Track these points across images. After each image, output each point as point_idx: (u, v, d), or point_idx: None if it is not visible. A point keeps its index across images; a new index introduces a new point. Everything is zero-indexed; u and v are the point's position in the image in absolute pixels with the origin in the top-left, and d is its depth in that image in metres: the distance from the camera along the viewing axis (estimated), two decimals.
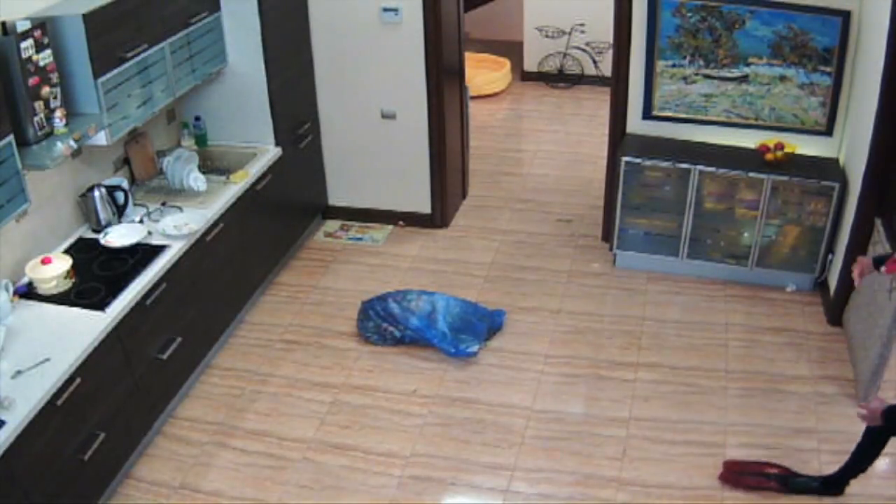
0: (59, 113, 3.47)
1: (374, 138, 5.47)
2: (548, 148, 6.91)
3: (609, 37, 5.05)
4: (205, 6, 4.35)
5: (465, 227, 5.74)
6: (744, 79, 4.73)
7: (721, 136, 4.92)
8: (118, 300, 3.59)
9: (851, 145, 4.56)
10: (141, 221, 4.14)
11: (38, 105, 3.35)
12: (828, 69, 4.55)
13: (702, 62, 4.75)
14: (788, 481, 3.64)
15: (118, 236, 3.98)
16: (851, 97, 4.57)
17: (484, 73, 7.89)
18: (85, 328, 3.42)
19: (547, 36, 7.99)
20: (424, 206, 5.65)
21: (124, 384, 3.63)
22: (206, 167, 4.69)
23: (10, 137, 3.20)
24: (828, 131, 4.73)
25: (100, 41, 3.57)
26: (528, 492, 3.69)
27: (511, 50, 8.31)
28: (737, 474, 3.68)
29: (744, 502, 3.58)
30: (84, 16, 3.48)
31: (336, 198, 5.77)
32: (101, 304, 3.55)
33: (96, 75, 3.59)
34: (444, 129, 5.38)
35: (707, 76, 4.79)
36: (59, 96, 3.46)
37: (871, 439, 3.39)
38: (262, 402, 4.24)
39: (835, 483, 3.56)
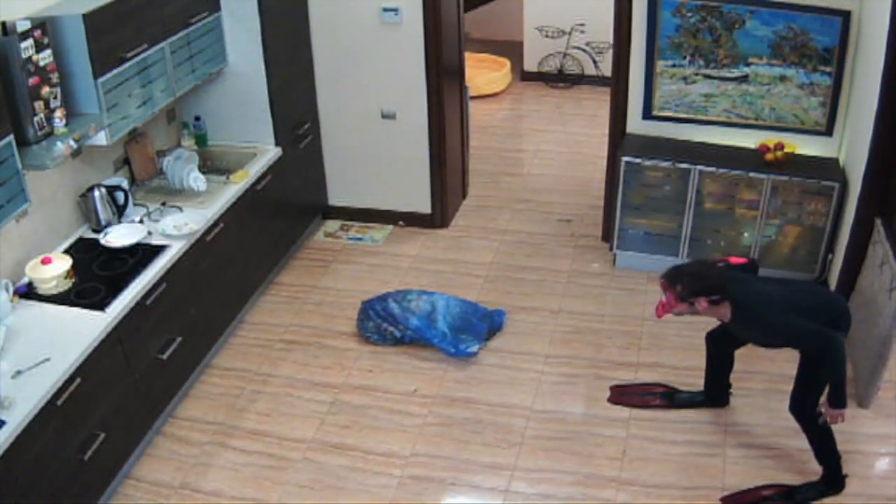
0: (59, 113, 3.47)
1: (374, 138, 5.47)
2: (548, 148, 6.91)
3: (609, 37, 5.05)
4: (205, 6, 4.35)
5: (465, 227, 5.74)
6: (744, 79, 4.73)
7: (721, 136, 4.92)
8: (118, 300, 3.59)
9: (851, 145, 4.56)
10: (141, 221, 4.14)
11: (38, 105, 3.35)
12: (828, 69, 4.55)
13: (702, 62, 4.75)
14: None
15: (118, 236, 3.98)
16: (851, 97, 4.57)
17: (484, 73, 7.90)
18: (85, 328, 3.42)
19: (547, 36, 7.99)
20: (424, 206, 5.65)
21: (124, 384, 3.63)
22: (206, 167, 4.69)
23: (10, 137, 3.20)
24: (828, 131, 4.73)
25: (100, 41, 3.57)
26: (528, 492, 3.69)
27: (511, 50, 8.31)
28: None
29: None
30: (84, 16, 3.48)
31: (336, 198, 5.77)
32: (101, 304, 3.56)
33: (96, 75, 3.59)
34: (444, 129, 5.38)
35: (707, 76, 4.79)
36: (59, 96, 3.46)
37: (807, 423, 3.52)
38: (262, 402, 4.24)
39: (830, 478, 3.58)
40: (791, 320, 3.33)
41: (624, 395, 4.16)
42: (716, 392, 4.05)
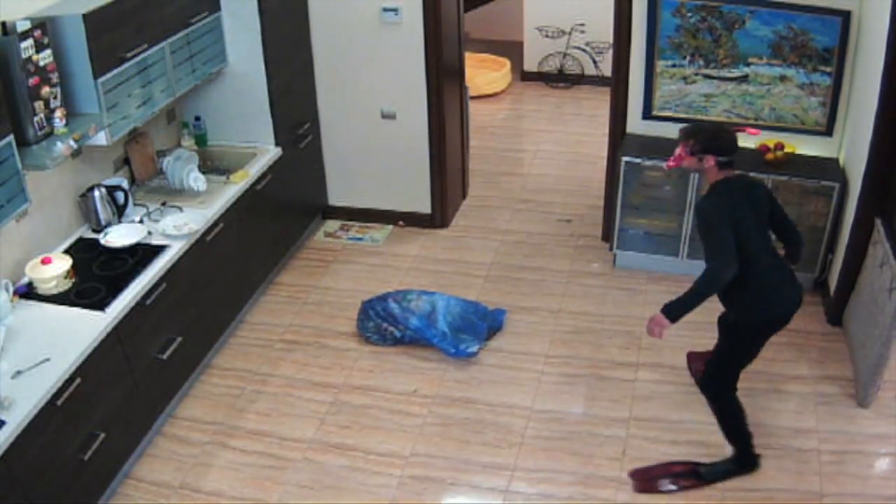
0: (59, 113, 3.47)
1: (374, 138, 5.47)
2: (548, 148, 6.92)
3: (609, 37, 5.05)
4: (205, 6, 4.35)
5: (465, 227, 5.74)
6: (744, 79, 4.73)
7: None
8: (118, 300, 3.59)
9: (851, 145, 4.56)
10: (141, 221, 4.14)
11: (38, 105, 3.35)
12: (828, 69, 4.55)
13: (702, 62, 4.75)
14: (701, 472, 3.67)
15: (118, 236, 3.98)
16: (851, 97, 4.57)
17: (484, 73, 7.90)
18: (85, 328, 3.42)
19: (547, 36, 8.00)
20: (424, 206, 5.65)
21: (124, 384, 3.63)
22: (206, 167, 4.69)
23: (10, 137, 3.20)
24: (828, 131, 4.73)
25: (100, 41, 3.57)
26: (528, 492, 3.69)
27: (511, 50, 8.31)
28: (647, 481, 3.69)
29: (745, 502, 3.58)
30: (84, 16, 3.48)
31: (336, 198, 5.77)
32: (101, 304, 3.56)
33: (96, 75, 3.59)
34: (444, 129, 5.38)
35: (707, 76, 4.79)
36: (59, 96, 3.46)
37: (713, 400, 3.63)
38: (262, 402, 4.24)
39: (741, 458, 3.65)
40: (720, 228, 3.30)
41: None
42: None
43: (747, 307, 3.44)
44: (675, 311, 3.37)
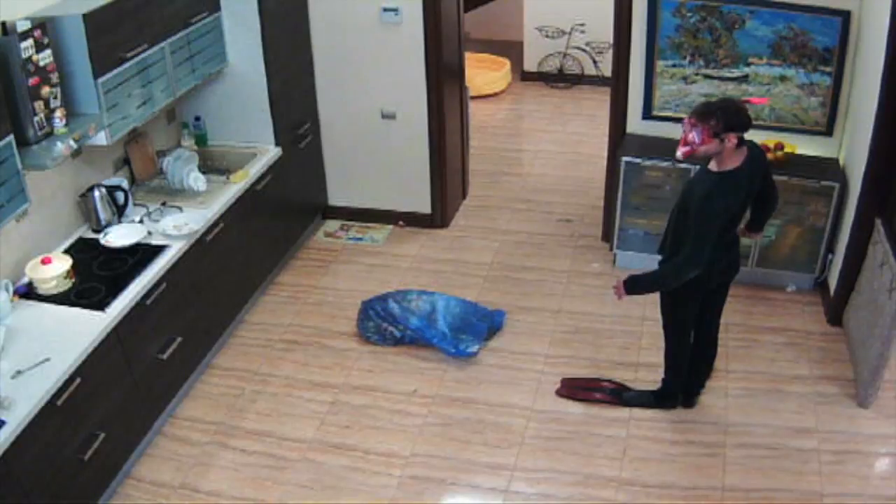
0: (59, 113, 3.47)
1: (374, 138, 5.47)
2: (548, 148, 6.92)
3: (609, 37, 5.05)
4: (205, 6, 4.35)
5: (465, 227, 5.74)
6: (744, 79, 4.73)
7: None
8: (118, 300, 3.59)
9: (851, 145, 4.56)
10: (141, 221, 4.14)
11: (38, 105, 3.35)
12: (828, 69, 4.55)
13: (702, 62, 4.75)
14: (621, 395, 4.10)
15: (118, 236, 3.98)
16: (851, 97, 4.57)
17: (484, 73, 7.90)
18: (85, 328, 3.42)
19: (547, 36, 8.00)
20: (424, 206, 5.65)
21: (124, 384, 3.63)
22: (206, 167, 4.69)
23: (10, 137, 3.20)
24: (828, 131, 4.73)
25: (100, 41, 3.57)
26: (528, 492, 3.69)
27: (511, 50, 8.31)
28: (572, 389, 4.17)
29: (745, 502, 3.58)
30: (84, 16, 3.48)
31: (336, 198, 5.77)
32: (101, 304, 3.56)
33: (96, 75, 3.59)
34: (444, 129, 5.38)
35: (707, 76, 4.79)
36: (59, 96, 3.46)
37: (668, 341, 3.89)
38: (262, 402, 4.24)
39: (663, 393, 3.93)
40: (711, 229, 3.34)
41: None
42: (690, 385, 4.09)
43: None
44: (634, 285, 3.65)
